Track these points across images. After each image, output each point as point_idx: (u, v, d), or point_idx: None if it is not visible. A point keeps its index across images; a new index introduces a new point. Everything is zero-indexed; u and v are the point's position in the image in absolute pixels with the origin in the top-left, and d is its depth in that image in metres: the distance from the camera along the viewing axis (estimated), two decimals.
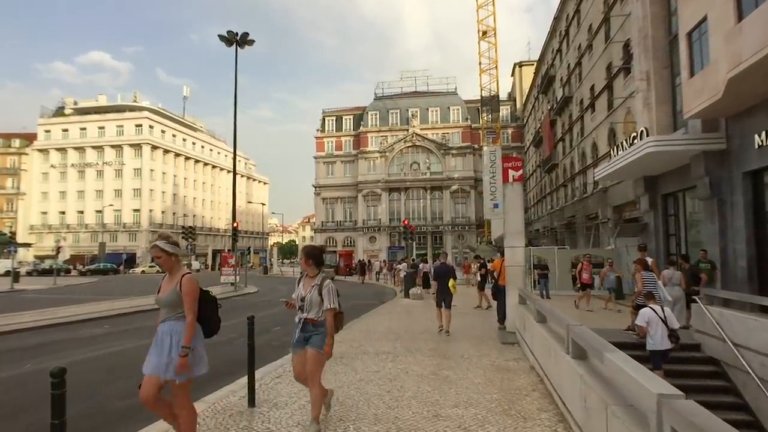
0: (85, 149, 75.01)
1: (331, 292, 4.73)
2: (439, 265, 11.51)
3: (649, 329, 7.23)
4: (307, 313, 4.73)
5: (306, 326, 4.77)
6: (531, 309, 8.01)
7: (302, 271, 5.14)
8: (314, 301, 4.70)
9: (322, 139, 69.28)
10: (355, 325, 11.77)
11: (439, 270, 11.21)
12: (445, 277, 10.77)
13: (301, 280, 4.98)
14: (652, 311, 7.37)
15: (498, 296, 10.80)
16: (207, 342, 4.17)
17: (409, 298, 19.82)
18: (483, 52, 54.07)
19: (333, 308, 4.71)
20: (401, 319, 12.99)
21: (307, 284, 4.85)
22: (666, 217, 19.53)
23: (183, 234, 23.50)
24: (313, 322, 4.72)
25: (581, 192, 33.28)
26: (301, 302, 4.77)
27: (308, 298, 4.73)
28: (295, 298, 4.89)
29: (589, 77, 30.42)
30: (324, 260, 5.14)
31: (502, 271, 10.59)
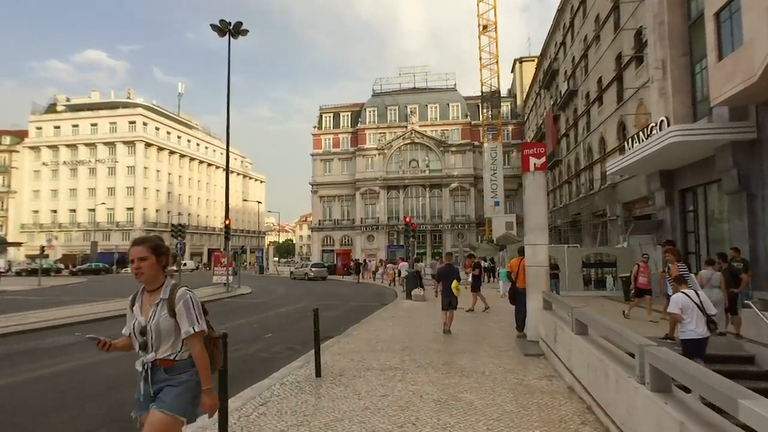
0: (77, 146, 73.53)
1: (191, 306, 2.81)
2: (444, 267, 11.18)
3: (683, 316, 6.48)
4: (155, 352, 2.75)
5: (155, 373, 2.76)
6: (563, 316, 6.85)
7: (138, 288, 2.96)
8: (164, 329, 2.73)
9: (319, 136, 68.00)
10: (356, 332, 10.59)
11: (443, 271, 10.88)
12: (448, 278, 10.42)
13: (137, 298, 2.92)
14: (686, 296, 6.53)
15: (516, 300, 9.64)
16: None
17: (411, 300, 18.67)
18: (483, 46, 52.90)
19: (200, 331, 2.82)
20: (406, 325, 11.82)
21: (148, 303, 2.84)
22: (684, 214, 18.43)
23: (172, 232, 22.24)
24: (166, 364, 2.75)
25: (587, 188, 32.18)
26: (141, 336, 2.77)
27: (152, 325, 2.74)
28: (130, 331, 2.84)
29: (596, 69, 29.30)
30: (168, 256, 2.96)
31: (521, 272, 9.43)
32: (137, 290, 2.93)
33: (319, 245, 64.11)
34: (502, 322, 12.05)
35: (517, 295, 9.56)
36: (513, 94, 68.80)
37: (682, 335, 6.63)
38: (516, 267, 9.65)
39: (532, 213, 8.82)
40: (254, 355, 8.64)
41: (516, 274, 9.58)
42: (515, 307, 9.77)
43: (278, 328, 12.00)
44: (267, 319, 14.00)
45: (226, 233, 23.29)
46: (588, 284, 20.39)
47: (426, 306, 16.43)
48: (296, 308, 17.11)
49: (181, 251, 22.68)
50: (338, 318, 14.16)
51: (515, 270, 9.65)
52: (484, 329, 11.02)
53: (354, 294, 23.84)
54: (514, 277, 9.71)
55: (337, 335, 10.23)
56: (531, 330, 8.74)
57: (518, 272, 9.52)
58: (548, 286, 8.69)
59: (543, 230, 8.76)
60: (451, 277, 10.61)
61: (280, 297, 22.54)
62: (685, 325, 6.51)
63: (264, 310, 16.37)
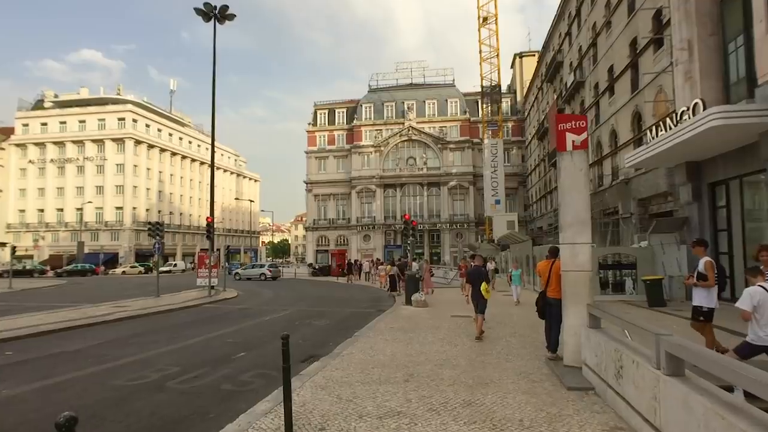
0: (65, 144, 71.41)
1: None
2: (474, 268, 10.51)
3: (756, 314, 5.13)
4: None
5: None
6: (631, 343, 5.00)
7: None
8: None
9: (314, 133, 66.12)
10: (348, 350, 8.71)
11: (472, 273, 10.31)
12: (477, 280, 9.92)
13: None
14: (763, 290, 5.12)
15: (547, 314, 7.77)
16: None
17: (411, 306, 16.79)
18: (483, 39, 51.16)
19: None
20: (408, 339, 9.94)
21: None
22: (714, 210, 16.62)
23: (149, 230, 20.31)
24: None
25: (596, 185, 30.38)
26: None
27: None
28: None
29: (607, 57, 27.51)
30: None
31: (554, 278, 7.57)
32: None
33: (314, 245, 62.22)
34: (522, 337, 10.19)
35: (548, 308, 7.70)
36: (513, 90, 67.08)
37: (753, 338, 5.20)
38: (546, 271, 7.78)
39: (571, 204, 6.96)
40: (213, 387, 6.72)
41: (546, 280, 7.71)
42: (546, 322, 7.90)
43: (256, 344, 10.11)
44: (246, 331, 12.08)
45: (208, 232, 21.36)
46: (605, 288, 18.55)
47: (429, 314, 14.57)
48: (283, 316, 15.21)
49: (159, 251, 20.72)
50: (329, 329, 12.28)
51: (545, 275, 7.78)
52: (503, 346, 9.16)
53: (349, 298, 21.96)
54: (543, 285, 7.84)
55: (324, 356, 8.35)
56: (569, 352, 6.88)
57: (549, 278, 7.65)
58: (590, 294, 6.81)
59: (585, 225, 6.89)
60: (480, 279, 9.96)
61: (267, 301, 20.63)
62: (759, 326, 5.11)
63: (245, 319, 14.46)
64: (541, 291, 7.86)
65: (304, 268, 50.64)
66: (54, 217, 70.98)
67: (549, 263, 7.82)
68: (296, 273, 46.11)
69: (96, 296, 22.32)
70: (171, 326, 12.86)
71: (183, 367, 7.77)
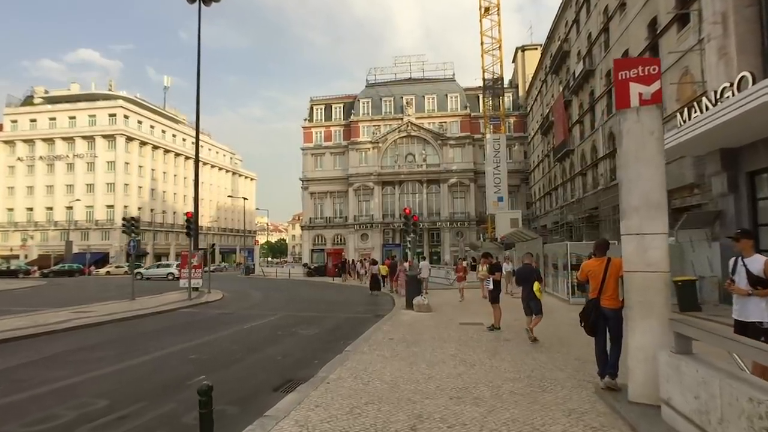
0: (54, 140, 69.33)
1: None
2: (522, 267, 10.04)
3: None
4: None
5: None
6: None
7: None
8: None
9: (310, 130, 64.12)
10: (335, 375, 6.81)
11: (521, 272, 9.89)
12: (528, 280, 9.51)
13: None
14: None
15: (598, 326, 5.90)
16: None
17: (413, 311, 14.93)
18: (485, 31, 49.22)
19: None
20: (411, 355, 8.07)
21: None
22: (754, 202, 14.77)
23: (124, 227, 18.41)
24: None
25: (607, 179, 28.54)
26: None
27: None
28: None
29: (621, 42, 25.66)
30: None
31: (610, 281, 5.72)
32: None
33: (310, 244, 60.27)
34: (551, 352, 8.33)
35: (604, 321, 5.84)
36: (515, 85, 65.18)
37: None
38: (599, 273, 5.89)
39: (638, 180, 5.09)
40: (158, 426, 4.84)
41: (600, 284, 5.83)
42: (596, 340, 6.03)
43: (224, 362, 8.22)
44: (217, 343, 10.17)
45: (188, 229, 19.45)
46: None
47: (433, 320, 12.70)
48: (266, 323, 13.32)
49: (134, 249, 18.81)
50: (317, 340, 10.40)
51: (597, 278, 5.89)
52: (531, 366, 7.30)
53: (343, 301, 20.09)
54: (595, 291, 5.94)
55: (305, 381, 6.49)
56: (636, 383, 5.01)
57: (605, 281, 5.78)
58: (667, 305, 4.93)
59: (658, 209, 5.01)
60: (531, 278, 9.50)
61: (254, 305, 18.74)
62: None
63: (222, 327, 12.57)
64: (592, 299, 5.96)
65: (299, 268, 48.68)
66: (43, 216, 68.94)
67: (602, 262, 5.94)
68: (290, 273, 44.14)
69: (69, 299, 20.41)
70: (131, 337, 10.98)
71: (114, 400, 5.88)
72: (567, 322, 12.21)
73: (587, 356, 7.90)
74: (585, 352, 8.20)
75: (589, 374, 6.70)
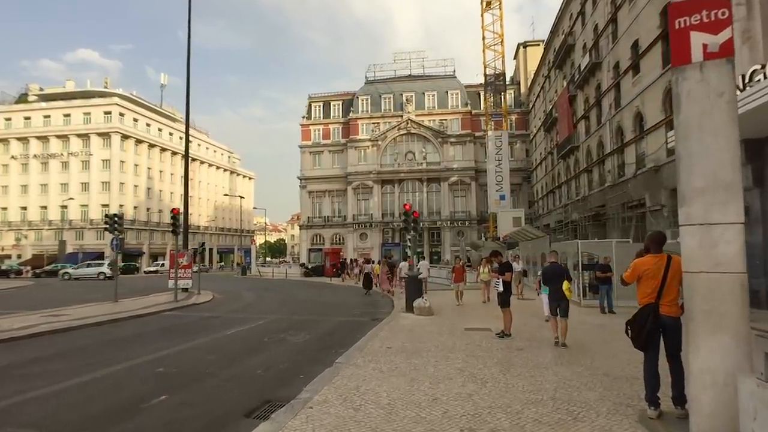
0: (48, 138, 68.14)
1: None
2: (550, 266, 9.31)
3: None
4: None
5: None
6: None
7: None
8: None
9: (308, 127, 63.04)
10: (321, 396, 5.71)
11: (550, 271, 9.13)
12: (558, 279, 8.79)
13: None
14: None
15: (656, 341, 4.78)
16: None
17: (413, 314, 13.83)
18: (487, 25, 48.07)
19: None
20: (414, 371, 6.97)
21: None
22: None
23: (106, 223, 17.32)
24: None
25: (615, 176, 27.46)
26: None
27: None
28: None
29: (630, 32, 24.58)
30: None
31: (673, 283, 4.62)
32: None
33: (308, 244, 59.14)
34: (573, 365, 7.23)
35: (663, 333, 4.73)
36: (516, 82, 64.03)
37: None
38: (658, 272, 4.71)
39: (702, 155, 3.98)
40: None
41: (659, 286, 4.69)
42: (647, 357, 4.90)
43: (196, 376, 7.11)
44: (194, 352, 9.07)
45: (173, 226, 18.30)
46: None
47: (435, 325, 11.60)
48: (254, 328, 12.22)
49: (117, 247, 17.71)
50: (306, 349, 9.30)
51: (655, 278, 4.72)
52: (554, 383, 6.21)
53: (340, 303, 19.01)
54: (650, 294, 4.77)
55: (286, 402, 5.40)
56: (702, 415, 3.91)
57: (665, 283, 4.65)
58: (745, 316, 3.81)
59: (730, 192, 3.90)
60: (561, 277, 8.80)
61: (244, 307, 17.66)
62: None
63: (204, 332, 11.47)
64: (648, 305, 4.78)
65: (296, 268, 47.54)
66: (37, 215, 67.78)
67: (660, 259, 4.79)
68: (287, 273, 43.02)
69: (49, 300, 19.30)
70: (98, 345, 9.88)
71: (44, 431, 4.77)
72: (583, 326, 11.12)
73: (615, 370, 6.83)
74: (611, 365, 7.12)
75: (624, 395, 5.61)
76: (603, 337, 9.75)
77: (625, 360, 7.51)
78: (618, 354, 7.93)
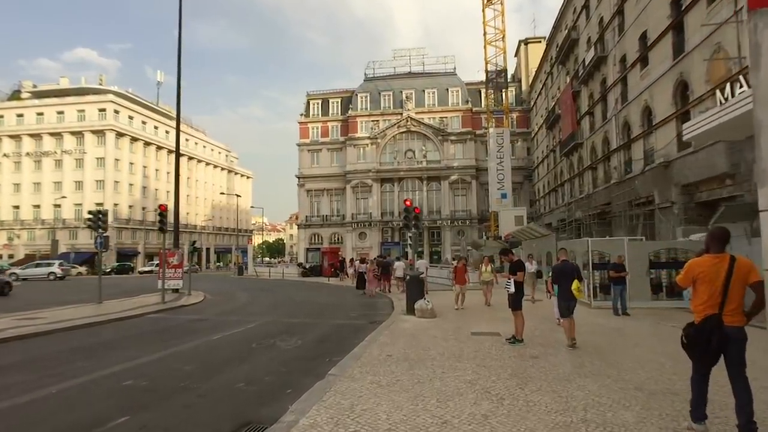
0: (42, 136, 67.08)
1: None
2: (561, 264, 8.85)
3: None
4: None
5: None
6: None
7: None
8: None
9: (307, 125, 62.10)
10: (308, 419, 4.81)
11: (561, 270, 8.67)
12: (569, 278, 8.37)
13: None
14: None
15: (716, 360, 3.90)
16: None
17: (414, 316, 12.94)
18: (488, 21, 47.17)
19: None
20: (417, 386, 6.09)
21: None
22: None
23: (88, 220, 16.40)
24: None
25: (621, 172, 26.61)
26: None
27: None
28: None
29: (638, 24, 23.73)
30: None
31: (737, 288, 3.76)
32: None
33: (306, 243, 58.21)
34: (598, 376, 6.35)
35: (727, 346, 3.85)
36: (517, 79, 63.12)
37: None
38: (719, 276, 3.81)
39: None
40: None
41: (720, 293, 3.79)
42: (698, 370, 4.02)
43: (167, 391, 6.21)
44: (170, 361, 8.15)
45: (161, 223, 17.34)
46: (658, 291, 14.76)
47: (438, 329, 10.71)
48: (242, 332, 11.32)
49: (101, 246, 16.78)
50: (296, 357, 8.41)
51: (716, 283, 3.82)
52: (585, 402, 5.33)
53: (337, 304, 18.11)
54: (710, 303, 3.89)
55: (268, 426, 4.49)
56: None
57: (728, 289, 3.77)
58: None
59: None
60: (572, 276, 8.42)
61: (235, 309, 16.74)
62: None
63: (189, 337, 10.56)
64: (711, 316, 3.89)
65: (294, 268, 46.59)
66: (30, 214, 66.74)
67: (721, 260, 3.90)
68: (284, 273, 42.07)
69: (29, 302, 18.32)
70: (66, 353, 8.94)
71: None
72: (599, 330, 10.28)
73: (648, 383, 5.94)
74: (643, 378, 6.24)
75: (668, 416, 4.72)
76: (623, 343, 8.88)
77: (655, 370, 6.64)
78: (645, 363, 7.06)
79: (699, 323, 3.95)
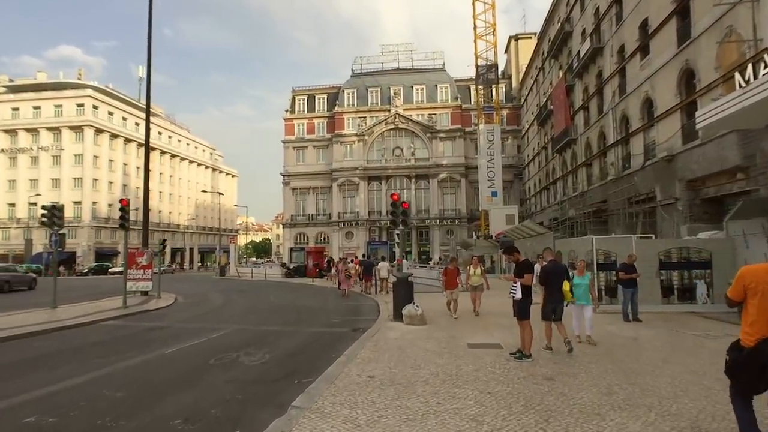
0: (17, 132, 64.64)
1: None
2: (552, 265, 7.90)
3: None
4: None
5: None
6: None
7: None
8: None
9: (292, 121, 60.45)
10: None
11: (553, 270, 7.73)
12: (559, 279, 7.66)
13: None
14: None
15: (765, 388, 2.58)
16: None
17: (402, 323, 11.53)
18: (478, 14, 45.96)
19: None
20: (405, 424, 4.68)
21: None
22: None
23: (43, 218, 14.72)
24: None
25: (619, 168, 25.43)
26: None
27: None
28: None
29: (638, 12, 22.58)
30: None
31: None
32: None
33: (291, 243, 56.55)
34: (636, 410, 5.02)
35: None
36: (507, 76, 61.98)
37: None
38: None
39: None
40: None
41: None
42: (740, 400, 2.73)
43: (81, 430, 4.72)
44: (101, 384, 6.61)
45: (122, 219, 15.70)
46: (669, 294, 13.49)
47: (430, 339, 9.31)
48: (204, 343, 9.81)
49: (57, 244, 15.13)
50: (259, 377, 6.95)
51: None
52: None
53: (318, 308, 16.64)
54: (762, 322, 2.57)
55: None
56: None
57: None
58: None
59: None
60: (562, 277, 7.79)
61: (205, 314, 15.20)
62: None
63: (138, 350, 9.03)
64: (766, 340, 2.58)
65: (277, 268, 44.92)
66: (5, 213, 64.22)
67: None
68: (267, 274, 40.38)
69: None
70: None
71: None
72: (614, 340, 8.92)
73: (703, 419, 4.57)
74: (691, 409, 4.88)
75: None
76: (648, 358, 7.52)
77: (703, 398, 5.28)
78: (687, 387, 5.70)
79: (752, 348, 2.68)
